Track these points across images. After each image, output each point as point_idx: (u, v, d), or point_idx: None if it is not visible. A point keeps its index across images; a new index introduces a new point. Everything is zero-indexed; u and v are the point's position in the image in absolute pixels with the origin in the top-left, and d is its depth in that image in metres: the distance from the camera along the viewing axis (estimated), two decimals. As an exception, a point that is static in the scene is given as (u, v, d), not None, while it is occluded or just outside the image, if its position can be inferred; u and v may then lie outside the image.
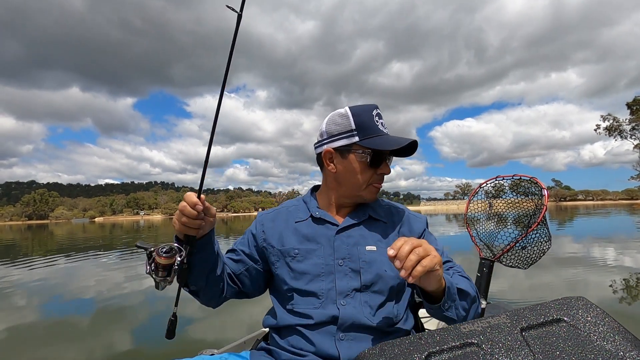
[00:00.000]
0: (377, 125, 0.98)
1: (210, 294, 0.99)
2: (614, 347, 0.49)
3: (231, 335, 3.26)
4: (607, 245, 8.07)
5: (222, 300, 1.05)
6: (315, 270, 0.94)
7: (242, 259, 1.06)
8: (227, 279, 1.02)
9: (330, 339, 0.88)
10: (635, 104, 43.31)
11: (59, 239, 19.26)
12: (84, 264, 8.59)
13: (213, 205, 0.94)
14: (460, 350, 0.51)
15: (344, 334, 0.88)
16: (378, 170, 1.00)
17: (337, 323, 0.89)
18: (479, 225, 1.51)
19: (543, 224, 1.28)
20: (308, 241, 0.99)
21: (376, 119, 0.99)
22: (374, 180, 1.00)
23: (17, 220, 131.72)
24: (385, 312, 0.91)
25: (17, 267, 8.43)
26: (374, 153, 0.97)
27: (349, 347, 0.87)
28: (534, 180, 1.37)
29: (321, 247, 0.97)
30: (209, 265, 0.93)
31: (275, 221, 1.07)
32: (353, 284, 0.92)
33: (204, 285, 0.95)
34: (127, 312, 4.09)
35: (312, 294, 0.93)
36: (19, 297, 5.26)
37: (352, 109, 0.99)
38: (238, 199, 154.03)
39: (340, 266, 0.94)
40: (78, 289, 5.63)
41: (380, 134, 0.98)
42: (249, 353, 1.02)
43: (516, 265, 1.33)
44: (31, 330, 3.73)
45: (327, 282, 0.93)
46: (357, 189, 1.00)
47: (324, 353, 0.87)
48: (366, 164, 0.98)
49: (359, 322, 0.88)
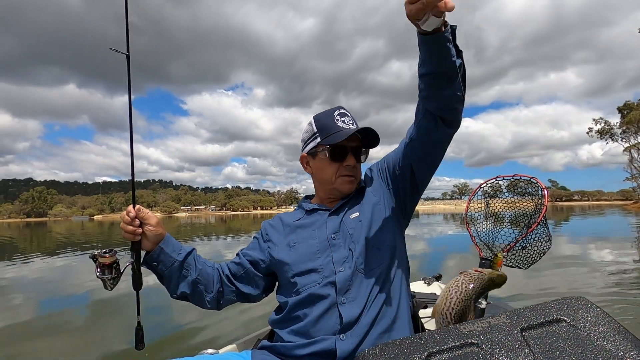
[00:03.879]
0: (337, 123, 1.09)
1: (199, 298, 1.06)
2: (614, 347, 0.49)
3: (232, 334, 3.26)
4: (605, 245, 8.09)
5: (222, 303, 1.11)
6: (312, 250, 1.03)
7: (242, 262, 1.13)
8: (224, 281, 1.09)
9: (331, 327, 0.91)
10: (625, 108, 44.65)
11: (66, 236, 19.21)
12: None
13: (212, 203, 0.99)
14: (460, 350, 0.51)
15: (344, 297, 0.93)
16: (344, 163, 1.09)
17: (337, 288, 0.94)
18: (479, 225, 1.51)
19: (543, 224, 1.28)
20: (303, 229, 1.10)
21: (337, 117, 1.10)
22: (341, 172, 1.09)
23: (15, 217, 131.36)
24: (378, 272, 0.97)
25: (36, 262, 8.42)
26: (332, 147, 1.08)
27: (349, 311, 0.91)
28: (534, 180, 1.37)
29: (315, 231, 1.07)
30: (175, 273, 1.01)
31: (275, 225, 1.18)
32: (346, 252, 0.99)
33: (190, 292, 1.04)
34: (125, 312, 4.09)
35: (313, 270, 0.99)
36: (63, 286, 5.26)
37: (316, 115, 1.15)
38: (237, 198, 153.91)
39: (333, 240, 1.02)
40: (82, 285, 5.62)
41: (338, 130, 1.08)
42: (250, 352, 1.02)
43: (516, 265, 1.33)
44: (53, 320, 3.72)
45: (323, 257, 1.00)
46: (330, 182, 1.11)
47: (323, 348, 0.89)
48: (328, 159, 1.09)
49: (354, 283, 0.94)
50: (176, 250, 1.03)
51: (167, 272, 1.01)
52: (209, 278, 1.06)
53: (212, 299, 1.07)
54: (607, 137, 48.01)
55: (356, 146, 1.11)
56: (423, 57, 0.81)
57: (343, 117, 1.10)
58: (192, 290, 1.04)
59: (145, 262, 1.01)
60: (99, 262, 0.92)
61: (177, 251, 1.03)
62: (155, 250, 0.99)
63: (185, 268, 1.02)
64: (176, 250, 1.03)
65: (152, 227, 0.98)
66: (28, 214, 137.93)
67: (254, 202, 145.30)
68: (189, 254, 1.04)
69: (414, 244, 9.70)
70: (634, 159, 46.51)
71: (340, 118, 1.10)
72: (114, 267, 0.93)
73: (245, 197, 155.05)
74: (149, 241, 0.99)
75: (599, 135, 48.30)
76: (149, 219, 0.98)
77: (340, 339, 0.88)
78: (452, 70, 0.81)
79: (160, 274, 1.02)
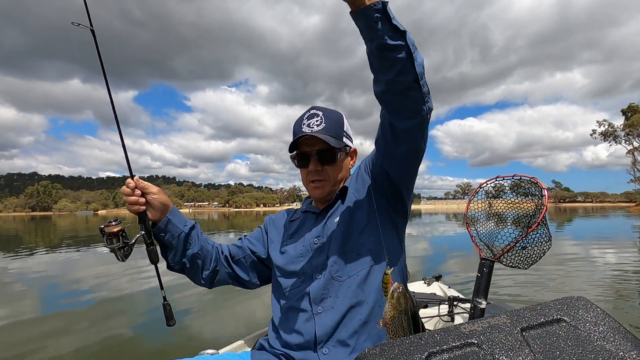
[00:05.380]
0: (302, 128, 1.04)
1: (195, 272, 1.07)
2: (614, 347, 0.49)
3: (231, 335, 3.28)
4: (606, 246, 8.05)
5: (215, 282, 1.12)
6: (296, 252, 1.03)
7: (243, 247, 1.15)
8: (221, 260, 1.12)
9: (309, 339, 0.90)
10: (629, 111, 44.54)
11: (71, 230, 19.36)
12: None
13: (215, 200, 1.01)
14: (460, 350, 0.51)
15: (319, 306, 0.93)
16: (308, 169, 1.06)
17: (310, 298, 0.94)
18: (479, 225, 1.50)
19: (543, 225, 1.28)
20: (295, 230, 1.11)
21: (304, 121, 1.06)
22: (310, 178, 1.07)
23: (20, 211, 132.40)
24: (359, 278, 0.94)
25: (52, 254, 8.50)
26: (295, 155, 1.07)
27: (323, 321, 0.90)
28: (534, 181, 1.37)
29: (303, 233, 1.08)
30: (180, 244, 1.02)
31: (277, 222, 1.20)
32: (324, 259, 0.98)
33: (189, 265, 1.05)
34: (126, 312, 4.12)
35: (294, 274, 1.01)
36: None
37: (295, 121, 1.11)
38: (240, 195, 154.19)
39: (315, 244, 1.02)
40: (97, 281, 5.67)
41: (299, 135, 1.03)
42: (249, 353, 1.03)
43: (516, 266, 1.33)
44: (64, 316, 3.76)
45: (305, 261, 1.01)
46: (306, 188, 1.11)
47: (303, 343, 0.90)
48: (297, 166, 1.09)
49: (331, 292, 0.93)
50: (182, 222, 1.03)
51: (174, 242, 1.01)
52: (207, 255, 1.08)
53: (207, 276, 1.08)
54: (610, 140, 47.93)
55: (319, 149, 1.02)
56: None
57: (310, 120, 1.04)
58: (191, 264, 1.05)
59: (153, 233, 1.02)
60: (106, 232, 0.94)
61: (182, 223, 1.04)
62: (162, 220, 1.00)
63: (189, 241, 1.04)
64: (182, 222, 1.03)
65: (155, 195, 0.98)
66: (33, 207, 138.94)
67: (257, 199, 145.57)
68: (193, 227, 1.06)
69: (415, 243, 9.69)
70: (637, 161, 46.28)
71: (307, 121, 1.05)
72: (120, 235, 0.95)
73: (248, 194, 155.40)
74: (156, 210, 0.99)
75: (603, 137, 48.21)
76: (149, 187, 0.99)
77: (323, 354, 0.87)
78: (385, 51, 0.74)
79: (167, 244, 1.02)
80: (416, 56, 0.76)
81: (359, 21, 0.73)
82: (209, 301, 4.23)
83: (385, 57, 0.75)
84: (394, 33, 0.73)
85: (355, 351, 0.86)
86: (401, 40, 0.74)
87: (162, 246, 1.04)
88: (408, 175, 0.96)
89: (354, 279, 0.93)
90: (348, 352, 0.86)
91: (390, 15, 0.72)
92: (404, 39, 0.74)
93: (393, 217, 1.03)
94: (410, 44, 0.75)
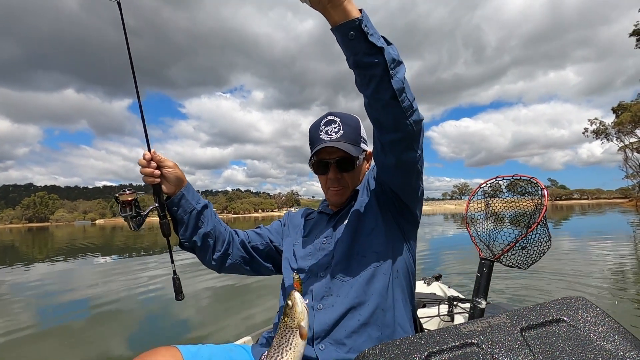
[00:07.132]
0: (320, 135, 1.06)
1: (205, 252, 1.09)
2: (614, 347, 0.49)
3: (235, 331, 3.27)
4: (604, 244, 8.07)
5: (226, 266, 1.13)
6: (307, 251, 1.06)
7: (262, 234, 1.20)
8: (236, 243, 1.14)
9: (309, 321, 0.90)
10: (620, 109, 45.18)
11: (67, 241, 19.20)
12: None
13: (213, 206, 1.02)
14: (460, 350, 0.51)
15: (320, 303, 0.94)
16: (328, 176, 1.07)
17: (312, 294, 0.95)
18: (479, 225, 1.51)
19: (543, 224, 1.28)
20: (310, 230, 1.14)
21: (322, 128, 1.07)
22: (328, 185, 1.09)
23: (17, 223, 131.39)
24: (362, 280, 0.95)
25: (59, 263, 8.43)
26: (314, 162, 1.08)
27: (322, 318, 0.90)
28: (534, 181, 1.37)
29: (315, 233, 1.11)
30: (192, 221, 1.04)
31: (295, 219, 1.24)
32: (329, 259, 1.00)
33: (200, 243, 1.06)
34: (127, 314, 4.08)
35: (301, 270, 1.03)
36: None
37: (311, 125, 1.11)
38: (238, 200, 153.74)
39: (323, 245, 1.04)
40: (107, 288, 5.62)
41: (318, 143, 1.05)
42: (250, 347, 1.04)
43: (516, 265, 1.33)
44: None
45: (313, 259, 1.03)
46: (325, 194, 1.14)
47: (305, 354, 0.88)
48: (315, 172, 1.11)
49: (333, 291, 0.94)
50: (195, 199, 1.06)
51: (186, 218, 1.04)
52: (220, 236, 1.10)
53: (217, 257, 1.10)
54: (602, 137, 48.49)
55: (339, 158, 1.03)
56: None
57: (327, 127, 1.05)
58: (202, 243, 1.07)
59: (167, 206, 1.03)
60: (120, 200, 0.97)
61: (196, 200, 1.06)
62: (176, 194, 1.02)
63: (201, 219, 1.06)
64: (195, 199, 1.06)
65: (170, 169, 1.01)
66: (30, 219, 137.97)
67: (255, 204, 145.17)
68: (206, 206, 1.08)
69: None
70: (629, 158, 46.87)
71: (325, 127, 1.05)
72: (133, 204, 0.98)
73: (246, 200, 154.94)
74: (170, 184, 1.02)
75: (595, 135, 48.79)
76: (165, 161, 1.01)
77: (320, 349, 0.87)
78: (361, 68, 0.75)
79: (179, 219, 1.04)
80: (394, 73, 0.75)
81: (337, 37, 0.75)
82: (219, 300, 4.22)
83: (362, 74, 0.76)
84: (370, 50, 0.73)
85: (352, 351, 0.86)
86: (377, 58, 0.73)
87: (174, 221, 1.06)
88: (407, 186, 0.95)
89: (357, 280, 0.94)
90: (345, 351, 0.87)
91: (366, 32, 0.71)
92: (380, 56, 0.73)
93: (401, 224, 1.03)
94: (389, 60, 0.73)
